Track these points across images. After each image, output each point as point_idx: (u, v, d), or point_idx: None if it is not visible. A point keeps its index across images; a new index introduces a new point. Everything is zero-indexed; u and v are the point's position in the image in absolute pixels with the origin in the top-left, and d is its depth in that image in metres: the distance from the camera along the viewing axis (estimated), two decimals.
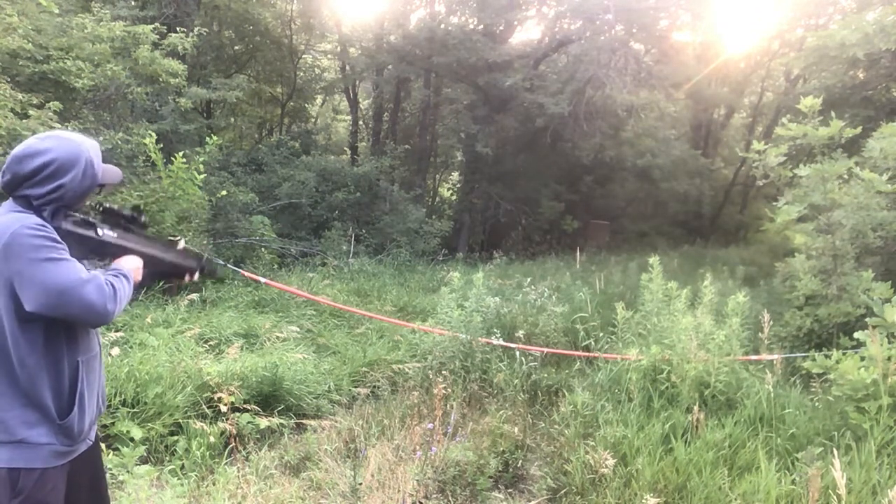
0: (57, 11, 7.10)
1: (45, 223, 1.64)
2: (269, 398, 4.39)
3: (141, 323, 5.21)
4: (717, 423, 3.70)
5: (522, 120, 16.35)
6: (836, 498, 2.56)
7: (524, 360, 4.94)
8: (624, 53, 13.84)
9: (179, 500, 3.00)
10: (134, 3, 11.54)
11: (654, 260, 5.36)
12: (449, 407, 4.16)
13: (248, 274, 7.01)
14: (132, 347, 4.63)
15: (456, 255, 14.17)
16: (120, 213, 1.94)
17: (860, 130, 5.46)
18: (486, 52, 14.42)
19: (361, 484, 3.25)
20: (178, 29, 8.76)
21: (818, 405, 3.91)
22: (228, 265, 7.39)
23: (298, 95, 18.16)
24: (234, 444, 3.56)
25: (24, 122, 5.71)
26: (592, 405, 4.04)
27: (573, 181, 18.18)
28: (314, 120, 20.75)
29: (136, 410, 3.74)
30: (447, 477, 3.42)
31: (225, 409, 3.78)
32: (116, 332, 4.71)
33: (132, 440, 3.49)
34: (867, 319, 3.74)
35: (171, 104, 9.87)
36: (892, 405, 3.27)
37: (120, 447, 3.35)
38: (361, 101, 20.41)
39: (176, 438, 3.71)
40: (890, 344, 3.47)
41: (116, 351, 4.28)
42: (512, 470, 3.75)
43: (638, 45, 15.89)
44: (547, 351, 5.45)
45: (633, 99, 14.28)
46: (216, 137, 8.49)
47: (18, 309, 1.60)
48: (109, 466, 3.09)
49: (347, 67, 18.04)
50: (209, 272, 2.18)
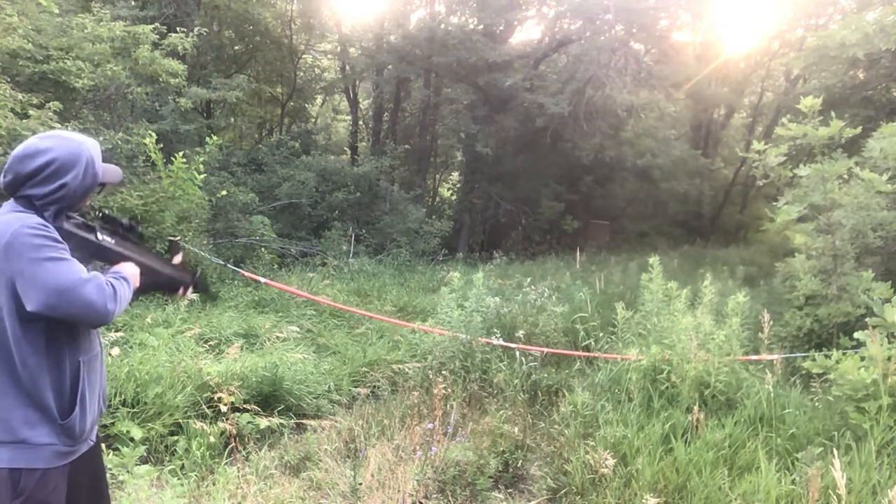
0: (57, 11, 7.10)
1: (46, 223, 1.64)
2: (269, 398, 4.39)
3: (141, 323, 5.21)
4: (717, 423, 3.71)
5: (522, 120, 16.35)
6: (836, 498, 2.56)
7: (524, 360, 4.94)
8: (624, 53, 13.84)
9: (179, 500, 3.00)
10: (134, 3, 11.54)
11: (654, 260, 5.36)
12: (449, 407, 4.16)
13: (248, 274, 7.02)
14: (132, 347, 4.63)
15: (456, 255, 14.17)
16: (118, 221, 1.96)
17: (860, 130, 5.46)
18: (486, 52, 14.42)
19: (361, 484, 3.25)
20: (178, 29, 8.76)
21: (818, 405, 3.91)
22: (228, 265, 7.39)
23: (298, 95, 18.16)
24: (234, 444, 3.56)
25: (24, 122, 5.71)
26: (592, 405, 4.04)
27: (573, 181, 18.18)
28: (314, 120, 20.74)
29: (136, 410, 3.74)
30: (447, 477, 3.42)
31: (225, 409, 3.79)
32: (116, 332, 4.71)
33: (132, 440, 3.49)
34: (867, 319, 3.74)
35: (171, 104, 9.87)
36: (892, 405, 3.27)
37: (120, 447, 3.35)
38: (361, 101, 20.41)
39: (176, 438, 3.71)
40: (890, 344, 3.47)
41: (116, 351, 4.28)
42: (512, 470, 3.75)
43: (638, 45, 15.89)
44: (547, 351, 5.45)
45: (633, 99, 14.28)
46: (216, 137, 8.48)
47: (20, 309, 1.60)
48: (109, 466, 3.09)
49: (347, 67, 18.04)
50: (202, 288, 2.19)
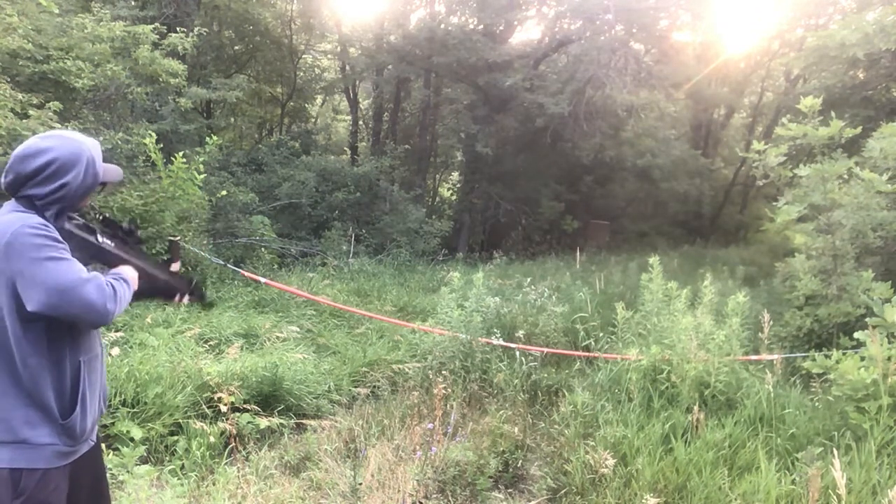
0: (57, 11, 7.09)
1: (46, 223, 1.64)
2: (269, 398, 4.39)
3: (141, 323, 5.21)
4: (717, 423, 3.71)
5: (522, 120, 16.35)
6: (836, 498, 2.56)
7: (524, 360, 4.94)
8: (624, 53, 13.84)
9: (179, 500, 3.00)
10: (134, 3, 11.54)
11: (654, 260, 5.36)
12: (449, 407, 4.16)
13: (248, 274, 7.02)
14: (132, 347, 4.63)
15: (456, 255, 14.17)
16: (118, 224, 1.97)
17: (860, 130, 5.46)
18: (486, 52, 14.42)
19: (361, 484, 3.25)
20: (178, 29, 8.76)
21: (818, 405, 3.91)
22: (228, 265, 7.39)
23: (298, 95, 18.16)
24: (234, 444, 3.56)
25: (24, 122, 5.70)
26: (592, 405, 4.04)
27: (573, 181, 18.18)
28: (314, 120, 20.74)
29: (136, 410, 3.74)
30: (447, 477, 3.42)
31: (225, 409, 3.79)
32: (116, 332, 4.71)
33: (132, 440, 3.49)
34: (867, 319, 3.74)
35: (171, 104, 9.87)
36: (892, 405, 3.27)
37: (120, 447, 3.35)
38: (361, 101, 20.41)
39: (176, 438, 3.71)
40: (890, 344, 3.47)
41: (116, 351, 4.28)
42: (512, 470, 3.75)
43: (638, 45, 15.89)
44: (547, 351, 5.45)
45: (633, 99, 14.28)
46: (216, 137, 8.48)
47: (20, 309, 1.60)
48: (109, 466, 3.09)
49: (347, 67, 18.04)
50: (198, 296, 2.19)
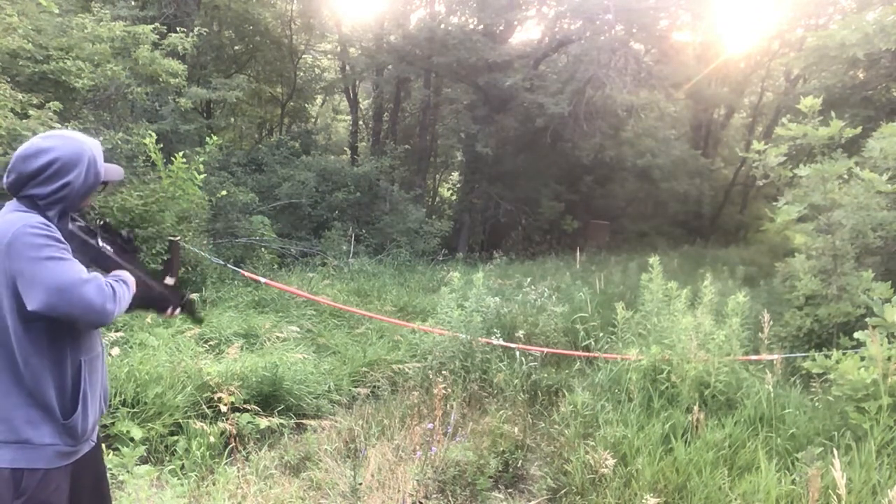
0: (57, 11, 7.09)
1: (48, 223, 1.64)
2: (269, 398, 4.39)
3: (141, 323, 5.20)
4: (717, 423, 3.71)
5: (522, 120, 16.35)
6: (836, 498, 2.56)
7: (524, 360, 4.94)
8: (624, 53, 13.85)
9: (179, 500, 3.00)
10: (134, 3, 11.54)
11: (654, 260, 5.36)
12: (449, 407, 4.16)
13: (248, 274, 7.02)
14: (132, 347, 4.63)
15: (456, 255, 14.16)
16: (117, 232, 1.98)
17: (860, 130, 5.46)
18: (486, 52, 14.42)
19: (361, 484, 3.25)
20: (178, 29, 8.75)
21: (818, 405, 3.91)
22: (228, 265, 7.39)
23: (298, 95, 18.15)
24: (234, 444, 3.56)
25: (24, 122, 5.70)
26: (592, 405, 4.04)
27: (573, 181, 18.18)
28: (314, 120, 20.74)
29: (136, 410, 3.74)
30: (447, 477, 3.42)
31: (225, 409, 3.79)
32: (116, 332, 4.71)
33: (132, 440, 3.49)
34: (867, 319, 3.74)
35: (171, 104, 9.86)
36: (892, 405, 3.27)
37: (120, 447, 3.35)
38: (361, 101, 20.41)
39: (176, 438, 3.71)
40: (890, 344, 3.48)
41: (116, 351, 4.28)
42: (512, 470, 3.75)
43: (638, 45, 15.89)
44: (547, 351, 5.45)
45: (633, 99, 14.27)
46: (216, 137, 8.47)
47: (21, 308, 1.60)
48: (109, 466, 3.09)
49: (347, 67, 18.04)
50: (189, 311, 2.20)
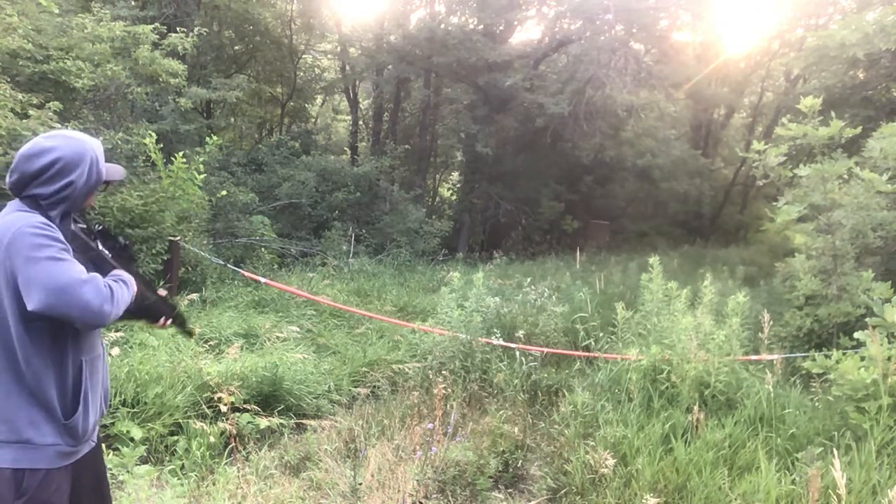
0: (57, 11, 7.08)
1: (49, 223, 1.64)
2: (269, 398, 4.39)
3: (140, 323, 5.20)
4: (717, 423, 3.71)
5: (522, 120, 16.35)
6: (836, 498, 2.56)
7: (524, 360, 4.94)
8: (624, 53, 13.84)
9: (179, 500, 3.00)
10: (134, 3, 11.54)
11: (654, 260, 5.36)
12: (449, 407, 4.16)
13: (248, 274, 7.02)
14: (132, 347, 4.63)
15: (456, 255, 14.16)
16: (115, 238, 1.98)
17: (860, 130, 5.47)
18: (486, 52, 14.41)
19: (361, 484, 3.25)
20: (178, 29, 8.75)
21: (818, 405, 3.91)
22: (228, 265, 7.39)
23: (298, 95, 18.14)
24: (234, 444, 3.56)
25: (24, 122, 5.69)
26: (592, 405, 4.04)
27: (573, 181, 18.18)
28: (314, 120, 20.74)
29: (136, 410, 3.74)
30: (447, 477, 3.42)
31: (225, 409, 3.78)
32: (116, 332, 4.70)
33: (132, 440, 3.49)
34: (867, 319, 3.74)
35: (171, 104, 9.86)
36: (892, 405, 3.27)
37: (120, 447, 3.35)
38: (361, 101, 20.41)
39: (176, 438, 3.71)
40: (890, 344, 3.48)
41: (116, 351, 4.28)
42: (512, 470, 3.75)
43: (638, 45, 15.89)
44: (547, 351, 5.45)
45: (633, 99, 14.27)
46: (216, 137, 8.47)
47: (22, 309, 1.60)
48: (109, 466, 3.09)
49: (347, 67, 18.03)
50: (179, 324, 2.21)
